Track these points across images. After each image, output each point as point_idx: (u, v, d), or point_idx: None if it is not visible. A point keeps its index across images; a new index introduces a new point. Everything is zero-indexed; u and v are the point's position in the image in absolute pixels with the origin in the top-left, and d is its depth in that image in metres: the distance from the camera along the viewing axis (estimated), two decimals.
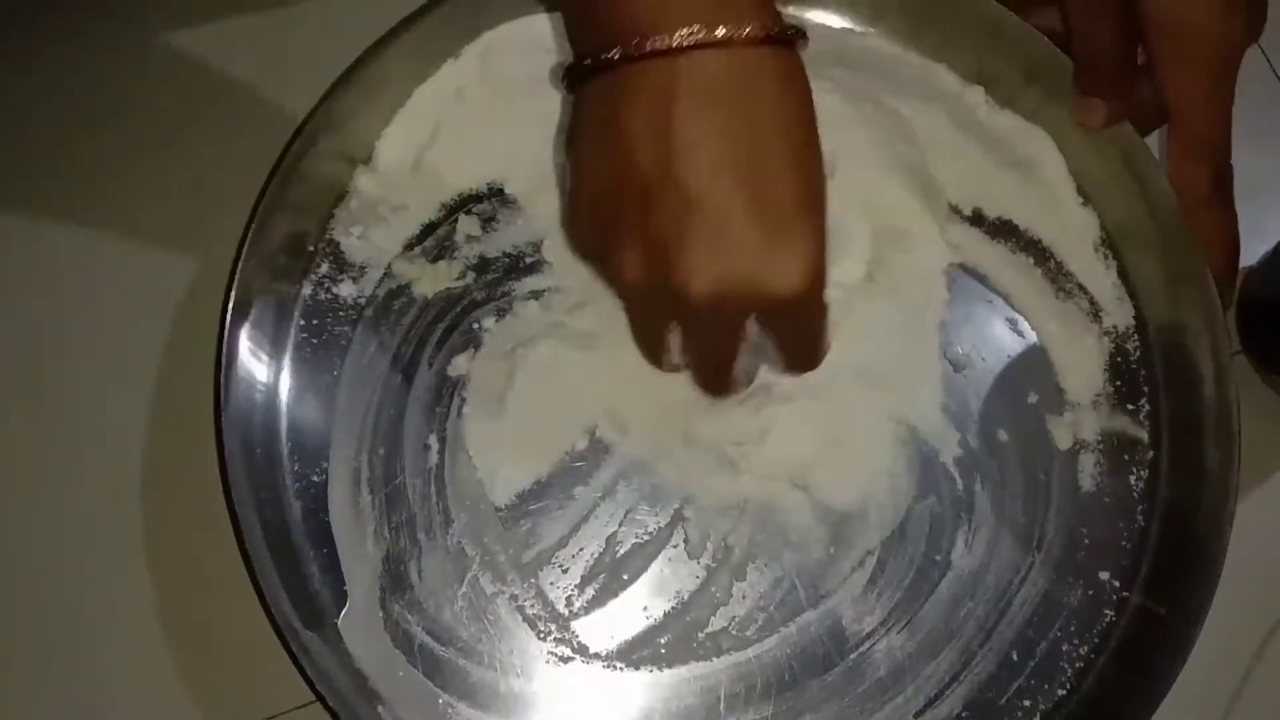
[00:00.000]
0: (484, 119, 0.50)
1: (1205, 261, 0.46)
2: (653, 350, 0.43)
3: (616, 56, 0.36)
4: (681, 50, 0.35)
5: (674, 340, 0.42)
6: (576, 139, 0.40)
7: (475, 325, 0.48)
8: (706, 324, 0.39)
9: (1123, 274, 0.50)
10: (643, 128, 0.36)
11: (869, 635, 0.47)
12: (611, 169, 0.37)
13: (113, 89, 0.52)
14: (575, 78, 0.39)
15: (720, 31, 0.35)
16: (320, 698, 0.42)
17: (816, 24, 0.52)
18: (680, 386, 0.45)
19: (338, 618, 0.45)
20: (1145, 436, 0.49)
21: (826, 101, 0.46)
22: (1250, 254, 0.48)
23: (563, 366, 0.47)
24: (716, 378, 0.44)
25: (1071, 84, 0.48)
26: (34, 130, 0.52)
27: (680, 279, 0.36)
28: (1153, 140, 0.49)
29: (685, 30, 0.35)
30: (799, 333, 0.42)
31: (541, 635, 0.46)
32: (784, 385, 0.47)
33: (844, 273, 0.47)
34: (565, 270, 0.48)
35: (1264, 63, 0.57)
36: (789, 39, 0.38)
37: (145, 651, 0.47)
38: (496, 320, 0.48)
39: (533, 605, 0.46)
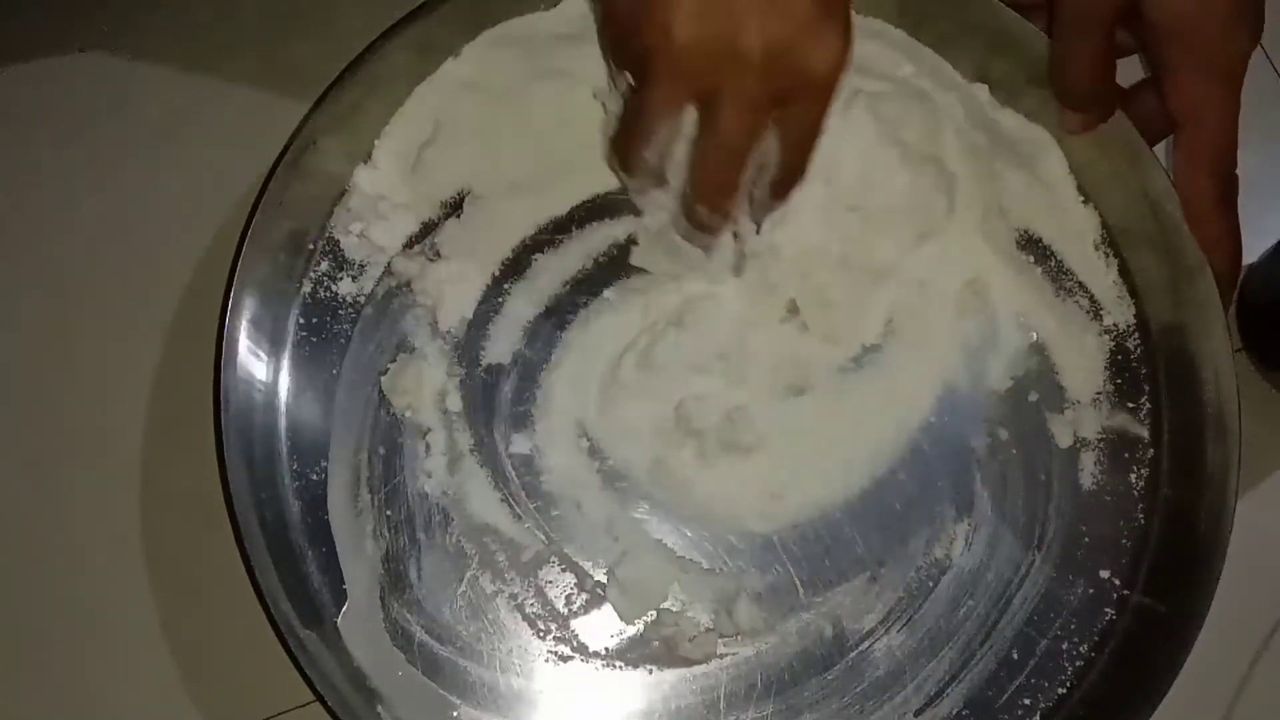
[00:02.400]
0: (484, 117, 0.50)
1: (1207, 262, 0.46)
2: (648, 135, 0.41)
3: None
4: None
5: (673, 127, 0.41)
6: None
7: None
8: (744, 93, 0.39)
9: (1123, 272, 0.50)
10: None
11: (869, 634, 0.46)
12: None
13: (112, 86, 0.52)
14: None
15: None
16: (319, 697, 0.42)
17: None
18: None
19: (337, 617, 0.45)
20: (1146, 435, 0.49)
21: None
22: (1250, 253, 0.48)
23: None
24: (729, 173, 0.42)
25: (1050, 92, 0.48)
26: (33, 129, 0.52)
27: (736, 38, 0.37)
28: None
29: None
30: (806, 127, 0.41)
31: (541, 634, 0.46)
32: (781, 387, 0.47)
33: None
34: None
35: (1265, 63, 0.57)
36: None
37: (144, 651, 0.47)
38: None
39: (532, 604, 0.46)
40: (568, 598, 0.46)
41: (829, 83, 0.39)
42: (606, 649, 0.46)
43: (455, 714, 0.45)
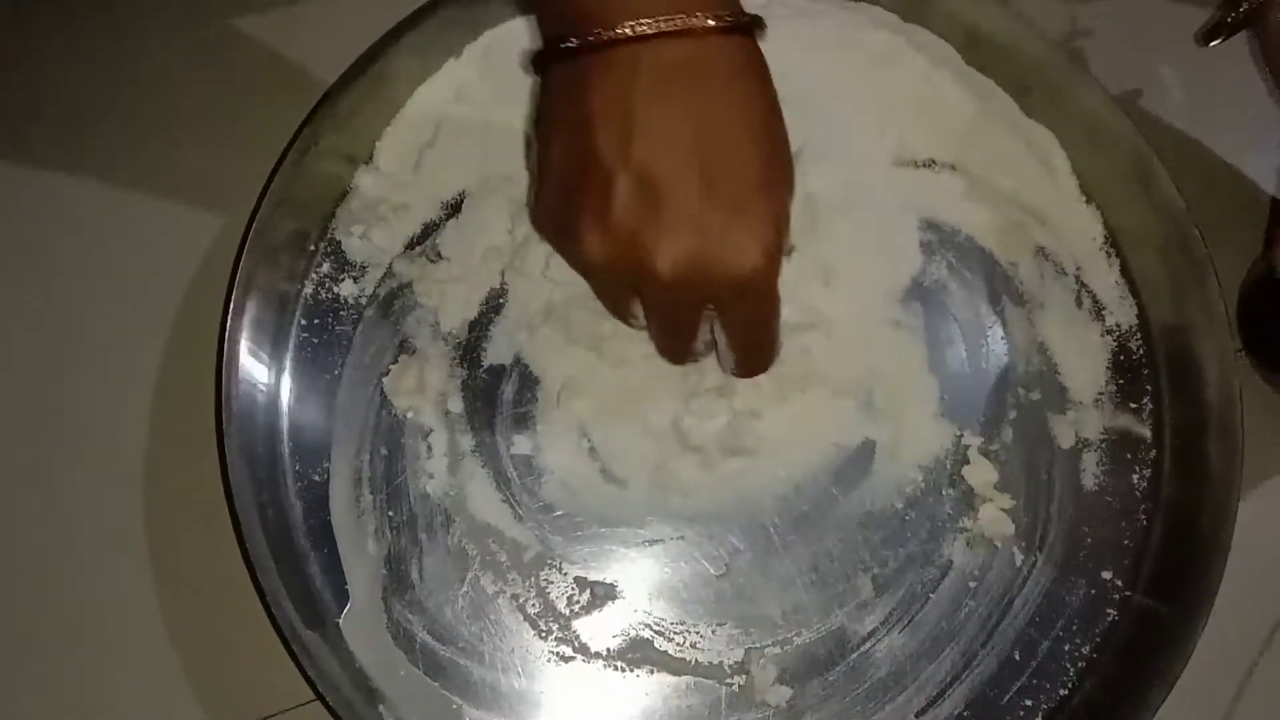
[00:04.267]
0: (485, 118, 0.49)
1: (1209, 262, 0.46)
2: (619, 317, 0.44)
3: (581, 44, 0.37)
4: (643, 39, 0.36)
5: (638, 308, 0.42)
6: (544, 122, 0.41)
7: None
8: (668, 303, 0.40)
9: (1126, 273, 0.50)
10: (604, 112, 0.37)
11: (870, 635, 0.47)
12: (574, 151, 0.38)
13: (114, 87, 0.52)
14: (543, 62, 0.40)
15: (680, 21, 0.36)
16: (321, 697, 0.42)
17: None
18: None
19: (339, 617, 0.45)
20: (1148, 435, 0.49)
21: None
22: (1249, 251, 0.48)
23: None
24: (678, 348, 0.44)
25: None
26: (35, 129, 0.52)
27: (642, 260, 0.37)
28: (1157, 144, 0.49)
29: (648, 20, 0.36)
30: (753, 321, 0.42)
31: (543, 635, 0.46)
32: (777, 390, 0.47)
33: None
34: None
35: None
36: (748, 27, 0.38)
37: (147, 650, 0.47)
38: None
39: (534, 604, 0.46)
40: (569, 598, 0.46)
41: (757, 282, 0.38)
42: (608, 649, 0.46)
43: (457, 714, 0.45)
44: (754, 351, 0.44)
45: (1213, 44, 0.50)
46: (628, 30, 0.36)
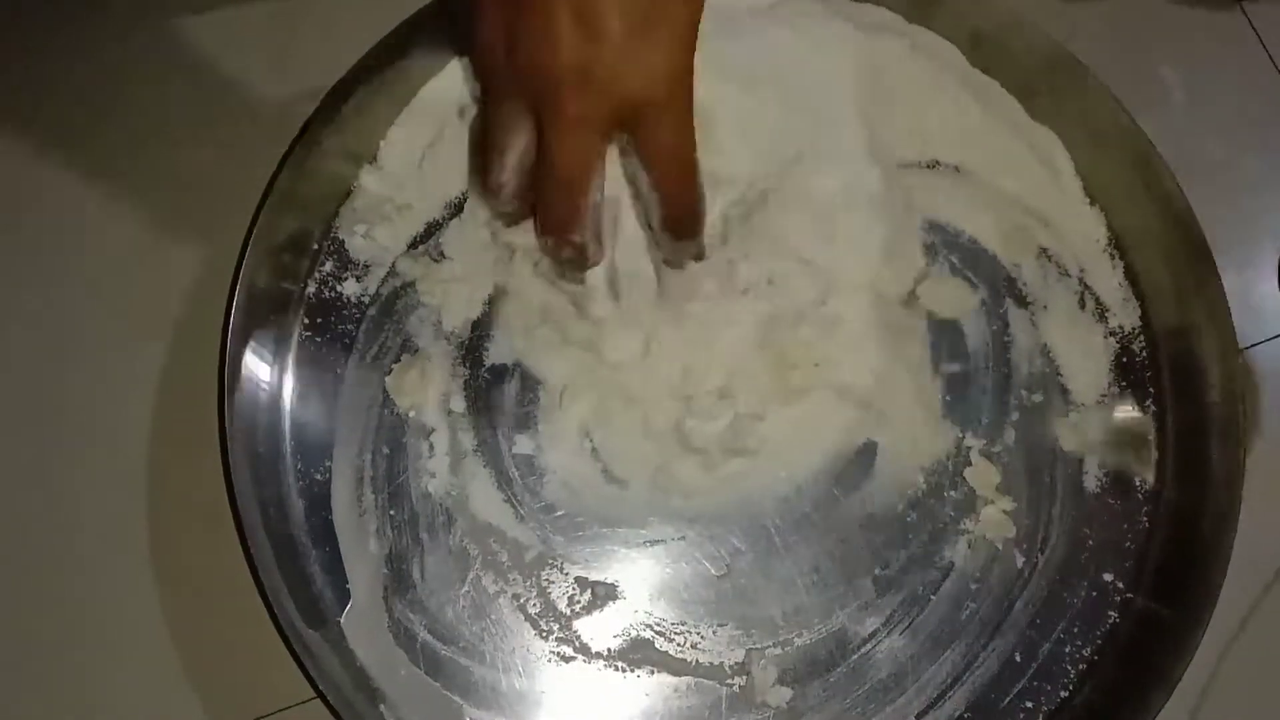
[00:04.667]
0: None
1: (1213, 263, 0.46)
2: (497, 151, 0.42)
3: None
4: None
5: (517, 142, 0.41)
6: None
7: None
8: (568, 120, 0.39)
9: (1129, 274, 0.50)
10: None
11: (871, 636, 0.46)
12: None
13: (117, 86, 0.52)
14: None
15: None
16: (321, 696, 0.42)
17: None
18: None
19: (340, 616, 0.45)
20: (1151, 437, 0.49)
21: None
22: (1252, 252, 0.48)
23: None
24: (569, 207, 0.42)
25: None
26: (36, 127, 0.52)
27: (546, 54, 0.38)
28: (1157, 144, 0.49)
29: None
30: (664, 150, 0.41)
31: (544, 634, 0.46)
32: (777, 392, 0.47)
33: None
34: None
35: (1267, 61, 0.57)
36: None
37: (148, 648, 0.47)
38: None
39: (535, 604, 0.46)
40: (570, 598, 0.46)
41: (663, 102, 0.38)
42: (609, 650, 0.46)
43: (457, 714, 0.45)
44: (677, 192, 0.42)
45: None
46: None
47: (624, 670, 0.46)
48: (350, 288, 0.48)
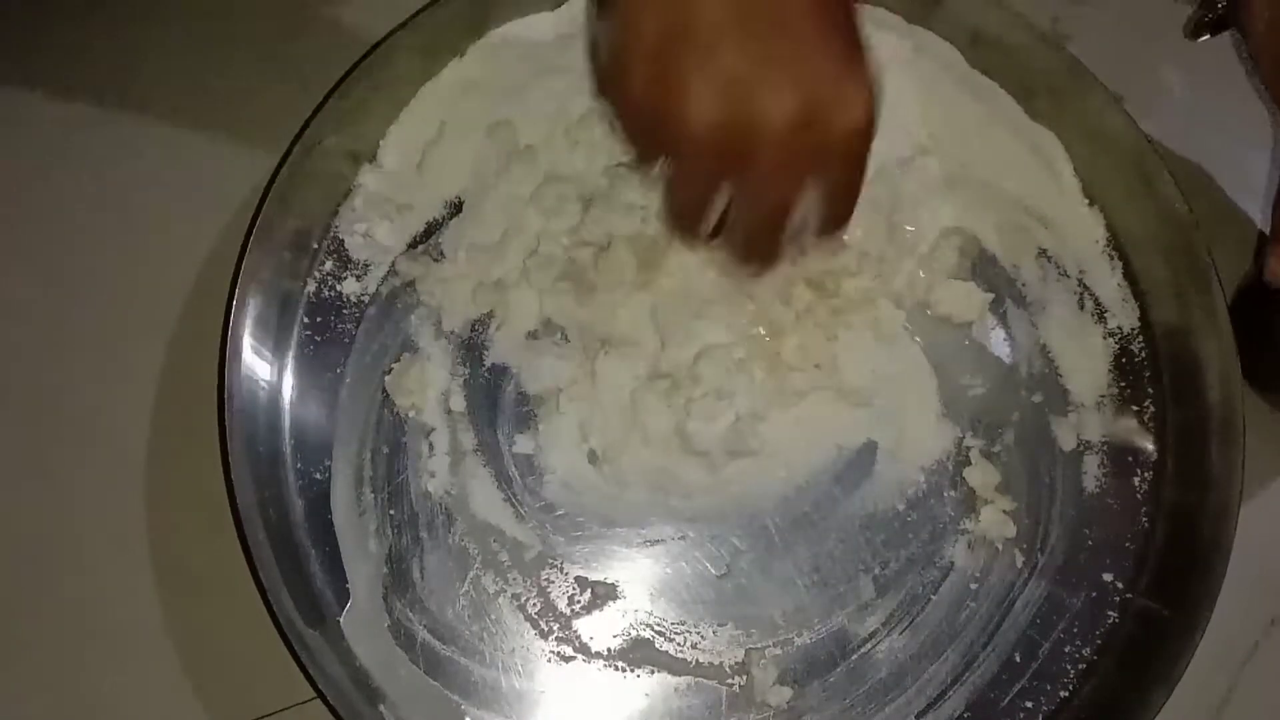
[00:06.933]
0: (489, 117, 0.49)
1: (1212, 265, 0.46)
2: (697, 212, 0.41)
3: None
4: None
5: (720, 200, 0.40)
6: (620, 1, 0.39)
7: None
8: (776, 165, 0.38)
9: (1129, 276, 0.50)
10: None
11: (871, 636, 0.46)
12: (672, 18, 0.37)
13: (117, 85, 0.52)
14: None
15: None
16: (321, 695, 0.42)
17: None
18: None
19: (340, 615, 0.45)
20: (1150, 438, 0.49)
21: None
22: (1251, 252, 0.48)
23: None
24: (769, 237, 0.41)
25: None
26: (37, 126, 0.52)
27: (764, 108, 0.36)
28: (1156, 144, 0.49)
29: None
30: (846, 184, 0.41)
31: (544, 634, 0.46)
32: (777, 393, 0.47)
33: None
34: None
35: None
36: None
37: (148, 647, 0.47)
38: None
39: (535, 604, 0.46)
40: (570, 598, 0.46)
41: (860, 140, 0.38)
42: (609, 649, 0.46)
43: (457, 713, 0.45)
44: (844, 210, 0.42)
45: (1200, 39, 0.49)
46: None
47: (624, 670, 0.46)
48: (350, 287, 0.49)
